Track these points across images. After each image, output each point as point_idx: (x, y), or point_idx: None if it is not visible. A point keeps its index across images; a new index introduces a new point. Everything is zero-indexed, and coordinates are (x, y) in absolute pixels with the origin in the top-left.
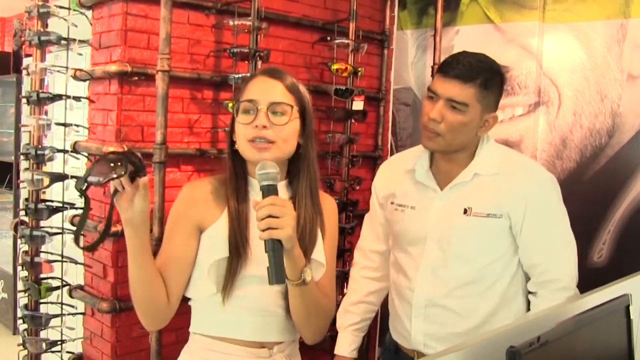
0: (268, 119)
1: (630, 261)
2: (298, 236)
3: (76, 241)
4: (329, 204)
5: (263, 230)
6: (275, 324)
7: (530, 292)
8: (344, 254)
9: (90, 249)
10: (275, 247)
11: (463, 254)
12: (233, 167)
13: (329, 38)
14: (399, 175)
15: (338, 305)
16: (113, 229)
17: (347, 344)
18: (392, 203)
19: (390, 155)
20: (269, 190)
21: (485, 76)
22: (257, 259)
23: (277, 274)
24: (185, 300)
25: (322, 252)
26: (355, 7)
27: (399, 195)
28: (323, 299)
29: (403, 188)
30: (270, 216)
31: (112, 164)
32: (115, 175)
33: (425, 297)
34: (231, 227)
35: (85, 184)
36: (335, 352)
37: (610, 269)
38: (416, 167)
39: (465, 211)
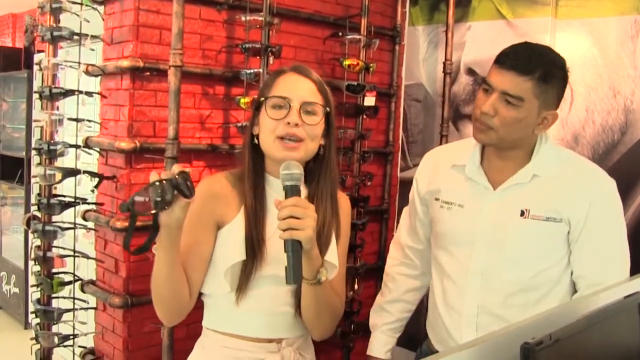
0: (300, 118)
1: None
2: (319, 236)
3: (125, 246)
4: (344, 203)
5: (284, 230)
6: (285, 321)
7: None
8: (355, 250)
9: (141, 251)
10: (294, 248)
11: (518, 259)
12: (252, 163)
13: (340, 34)
14: (446, 170)
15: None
16: (124, 223)
17: (381, 344)
18: (437, 199)
19: (401, 151)
20: (292, 191)
21: (544, 69)
22: (272, 260)
23: (294, 275)
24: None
25: (336, 253)
26: (366, 3)
27: (445, 191)
28: (335, 298)
29: (450, 184)
30: (291, 217)
31: (159, 191)
32: (157, 207)
33: (477, 305)
34: (247, 227)
35: (128, 206)
36: (368, 352)
37: None
38: (467, 161)
39: (522, 213)
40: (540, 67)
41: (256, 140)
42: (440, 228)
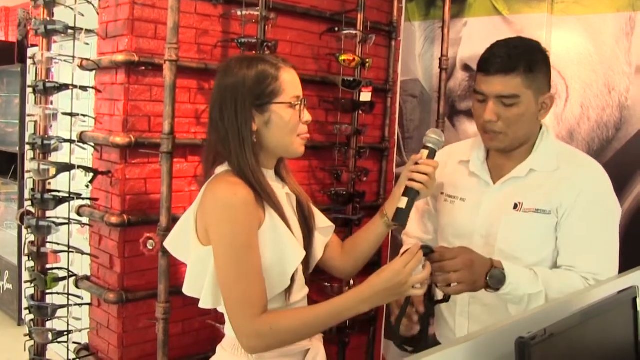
0: None
1: (636, 254)
2: (306, 211)
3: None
4: None
5: (417, 181)
6: (305, 301)
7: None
8: None
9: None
10: (416, 197)
11: (508, 251)
12: (255, 160)
13: (336, 29)
14: (453, 166)
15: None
16: (119, 219)
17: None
18: (442, 193)
19: (397, 147)
20: (434, 154)
21: (526, 60)
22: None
23: (405, 218)
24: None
25: (324, 217)
26: None
27: (448, 185)
28: None
29: (454, 179)
30: (426, 174)
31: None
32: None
33: (469, 295)
34: (286, 227)
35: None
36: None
37: None
38: (471, 157)
39: (515, 206)
40: (522, 60)
41: (254, 138)
42: (444, 220)
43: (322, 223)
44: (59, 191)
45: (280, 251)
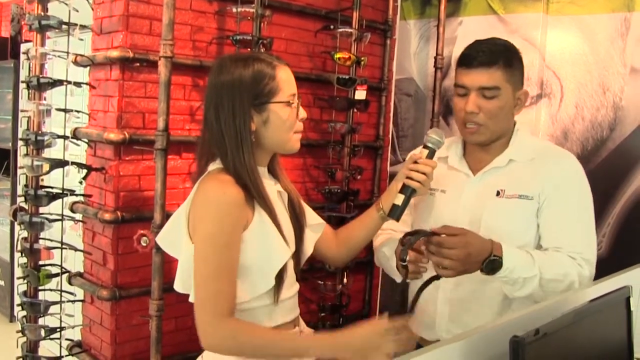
0: None
1: (630, 253)
2: (297, 209)
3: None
4: None
5: (415, 180)
6: (296, 299)
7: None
8: None
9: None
10: (412, 195)
11: (493, 235)
12: (253, 160)
13: (332, 27)
14: None
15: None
16: (113, 215)
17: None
18: None
19: (391, 145)
20: (433, 154)
21: (505, 56)
22: (290, 242)
23: (400, 214)
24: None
25: (315, 214)
26: None
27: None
28: None
29: (434, 174)
30: (424, 173)
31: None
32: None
33: (453, 280)
34: (277, 226)
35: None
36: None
37: (610, 262)
38: (449, 154)
39: (497, 193)
40: (501, 55)
41: (253, 137)
42: (425, 213)
43: (313, 220)
44: (52, 187)
45: (267, 251)
